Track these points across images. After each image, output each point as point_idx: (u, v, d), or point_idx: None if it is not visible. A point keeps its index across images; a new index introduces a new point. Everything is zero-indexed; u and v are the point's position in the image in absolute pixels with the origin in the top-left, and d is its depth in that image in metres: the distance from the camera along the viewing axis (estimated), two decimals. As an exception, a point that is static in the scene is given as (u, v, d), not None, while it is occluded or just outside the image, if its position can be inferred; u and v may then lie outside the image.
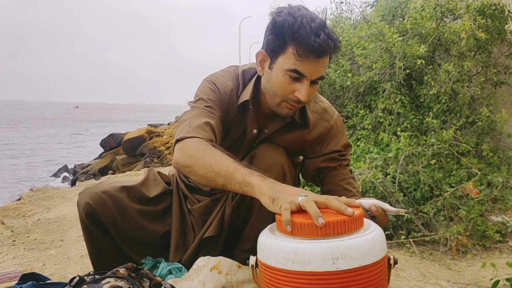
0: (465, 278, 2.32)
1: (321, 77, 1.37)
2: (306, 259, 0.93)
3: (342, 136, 1.61)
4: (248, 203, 1.52)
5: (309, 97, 1.39)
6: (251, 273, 1.40)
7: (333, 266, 0.91)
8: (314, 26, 1.31)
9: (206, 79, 1.57)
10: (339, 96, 4.74)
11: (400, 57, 4.00)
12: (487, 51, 3.98)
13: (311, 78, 1.34)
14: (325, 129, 1.57)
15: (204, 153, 1.26)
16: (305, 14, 1.33)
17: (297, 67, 1.32)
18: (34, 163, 13.98)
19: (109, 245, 1.66)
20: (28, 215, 3.32)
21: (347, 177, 1.56)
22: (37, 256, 2.31)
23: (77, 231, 2.66)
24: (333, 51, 1.33)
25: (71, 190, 4.49)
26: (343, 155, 1.60)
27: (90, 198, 1.60)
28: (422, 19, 4.10)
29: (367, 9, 6.40)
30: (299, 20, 1.31)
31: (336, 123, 1.60)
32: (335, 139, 1.59)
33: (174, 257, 1.67)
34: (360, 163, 3.50)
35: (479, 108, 3.79)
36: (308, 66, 1.32)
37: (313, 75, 1.34)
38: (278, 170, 1.44)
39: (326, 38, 1.29)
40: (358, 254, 0.93)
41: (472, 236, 2.84)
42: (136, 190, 1.69)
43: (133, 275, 1.43)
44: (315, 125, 1.56)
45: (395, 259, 1.04)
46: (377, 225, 1.03)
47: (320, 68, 1.34)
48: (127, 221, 1.64)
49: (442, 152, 3.53)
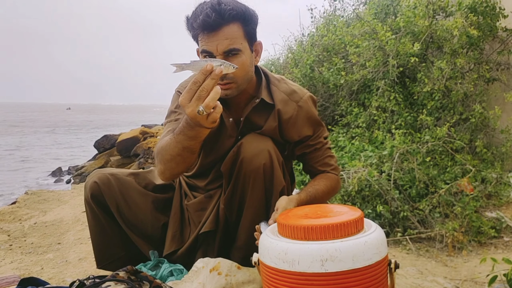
0: (462, 274, 2.34)
1: (230, 49, 1.40)
2: (295, 259, 0.95)
3: (312, 117, 1.64)
4: (240, 196, 1.56)
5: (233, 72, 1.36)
6: (250, 274, 1.41)
7: (321, 268, 0.93)
8: (203, 6, 1.39)
9: (175, 89, 1.68)
10: (332, 95, 4.76)
11: (394, 55, 4.02)
12: (479, 48, 4.01)
13: (218, 53, 1.40)
14: (294, 110, 1.61)
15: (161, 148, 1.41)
16: (205, 2, 1.41)
17: (203, 47, 1.41)
18: (27, 166, 13.89)
19: (111, 229, 1.72)
20: (24, 218, 3.31)
21: (322, 158, 1.67)
22: (35, 260, 2.31)
23: (75, 234, 2.66)
24: (225, 19, 1.37)
25: (67, 193, 4.47)
26: (316, 137, 1.66)
27: (98, 178, 1.69)
28: (414, 17, 4.12)
29: (360, 7, 6.42)
30: (194, 9, 1.42)
31: (307, 104, 1.64)
32: (307, 124, 1.63)
33: (170, 247, 1.70)
34: (355, 161, 3.52)
35: (472, 105, 3.82)
36: (210, 42, 1.39)
37: (219, 49, 1.40)
38: (265, 155, 1.49)
39: (210, 11, 1.36)
40: (348, 257, 0.93)
41: (467, 232, 2.87)
42: (143, 176, 1.80)
43: (133, 278, 1.44)
44: (284, 105, 1.60)
45: (396, 263, 1.04)
46: (378, 227, 1.04)
47: (223, 41, 1.39)
48: (129, 205, 1.71)
49: (437, 149, 3.55)
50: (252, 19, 1.46)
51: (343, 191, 3.27)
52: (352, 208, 1.07)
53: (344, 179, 3.32)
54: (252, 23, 1.46)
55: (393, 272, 1.04)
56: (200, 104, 1.16)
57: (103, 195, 1.68)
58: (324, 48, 4.94)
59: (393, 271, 1.04)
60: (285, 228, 1.00)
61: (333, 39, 4.89)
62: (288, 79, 1.70)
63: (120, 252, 1.75)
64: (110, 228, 1.71)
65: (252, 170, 1.46)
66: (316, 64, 4.85)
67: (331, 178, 1.67)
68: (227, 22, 1.38)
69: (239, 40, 1.41)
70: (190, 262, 1.66)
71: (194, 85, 1.16)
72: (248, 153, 1.48)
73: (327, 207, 1.14)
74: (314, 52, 4.93)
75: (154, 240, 1.75)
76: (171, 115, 1.62)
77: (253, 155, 1.47)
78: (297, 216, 1.05)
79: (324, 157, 1.68)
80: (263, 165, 1.47)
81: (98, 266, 1.76)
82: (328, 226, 0.96)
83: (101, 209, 1.69)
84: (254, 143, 1.51)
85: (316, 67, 4.81)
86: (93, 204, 1.68)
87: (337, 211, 1.06)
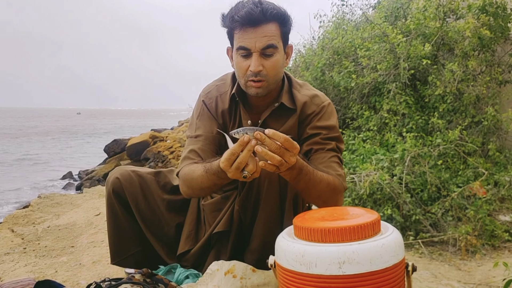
0: (476, 278, 2.32)
1: (268, 45, 1.44)
2: (312, 261, 0.95)
3: (330, 119, 1.63)
4: (255, 198, 1.58)
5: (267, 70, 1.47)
6: (265, 276, 1.41)
7: (339, 270, 0.92)
8: (243, 3, 1.45)
9: (200, 97, 1.73)
10: (343, 98, 4.75)
11: (404, 58, 4.01)
12: (491, 50, 3.99)
13: (256, 49, 1.44)
14: (314, 110, 1.62)
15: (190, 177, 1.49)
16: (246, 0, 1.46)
17: (240, 43, 1.45)
18: (38, 170, 14.02)
19: (129, 225, 1.77)
20: (38, 222, 3.34)
21: (328, 160, 1.57)
22: (49, 263, 2.33)
23: (88, 237, 2.68)
24: (266, 17, 1.42)
25: (79, 196, 4.51)
26: (329, 139, 1.60)
27: (120, 174, 1.75)
28: (425, 19, 4.11)
29: (368, 11, 6.41)
30: (234, 5, 1.46)
31: (328, 108, 1.64)
32: (322, 120, 1.61)
33: (184, 246, 1.73)
34: (367, 164, 3.51)
35: (484, 108, 3.79)
36: (249, 38, 1.43)
37: (257, 46, 1.44)
38: None
39: (254, 6, 1.41)
40: (366, 259, 0.93)
41: (480, 236, 2.84)
42: (163, 175, 1.85)
43: (149, 280, 1.45)
44: (305, 106, 1.61)
45: (413, 266, 1.03)
46: (395, 230, 1.04)
47: (262, 38, 1.43)
48: (148, 203, 1.77)
49: (448, 152, 3.52)
50: (289, 22, 1.51)
51: (354, 194, 3.25)
52: (368, 211, 1.07)
53: (356, 182, 3.31)
54: (288, 25, 1.51)
55: (410, 275, 1.03)
56: (239, 172, 1.24)
57: (124, 191, 1.73)
58: (334, 51, 4.94)
59: (410, 274, 1.03)
60: (302, 230, 1.01)
61: (343, 42, 4.89)
62: (309, 85, 1.72)
63: (135, 248, 1.79)
64: (128, 223, 1.76)
65: (267, 173, 1.45)
66: (327, 67, 4.85)
67: (334, 178, 1.50)
68: (268, 20, 1.43)
69: (276, 39, 1.46)
70: (203, 262, 1.68)
71: (232, 156, 1.23)
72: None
73: (343, 209, 1.14)
74: (324, 55, 4.93)
75: (169, 238, 1.79)
76: (193, 126, 1.68)
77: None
78: (314, 219, 1.05)
79: (331, 161, 1.56)
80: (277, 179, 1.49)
81: (112, 262, 1.80)
82: (346, 228, 0.96)
83: (121, 204, 1.74)
84: None
85: (327, 70, 4.81)
86: (114, 199, 1.73)
87: (354, 213, 1.06)
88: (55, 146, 22.75)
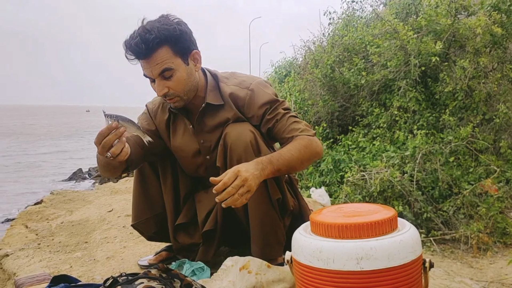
0: (488, 276, 2.32)
1: (163, 70, 1.55)
2: (330, 257, 0.96)
3: (265, 95, 1.70)
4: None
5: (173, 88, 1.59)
6: (280, 272, 1.42)
7: (357, 266, 0.93)
8: (132, 36, 1.53)
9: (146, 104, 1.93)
10: (353, 95, 4.74)
11: (415, 55, 3.99)
12: (503, 47, 3.95)
13: (154, 76, 1.56)
14: (246, 95, 1.69)
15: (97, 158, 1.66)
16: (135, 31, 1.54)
17: (143, 72, 1.58)
18: (49, 166, 14.14)
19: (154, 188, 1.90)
20: (51, 218, 3.38)
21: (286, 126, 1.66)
22: (63, 259, 2.36)
23: (101, 233, 2.70)
24: (153, 48, 1.51)
25: (91, 193, 4.55)
26: (273, 110, 1.68)
27: None
28: (436, 16, 4.08)
29: (379, 7, 6.39)
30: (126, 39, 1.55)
31: (257, 87, 1.71)
32: (259, 99, 1.68)
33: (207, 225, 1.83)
34: (377, 162, 3.50)
35: (496, 105, 3.76)
36: (145, 68, 1.57)
37: (154, 73, 1.56)
38: (248, 134, 1.60)
39: (139, 41, 1.50)
40: (384, 255, 0.93)
41: (492, 234, 2.83)
42: None
43: (164, 275, 1.47)
44: (234, 95, 1.70)
45: (431, 262, 1.04)
46: (412, 227, 1.04)
47: (155, 66, 1.54)
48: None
49: (460, 150, 3.51)
50: (181, 37, 1.56)
51: (365, 191, 3.26)
52: (385, 207, 1.07)
53: (366, 179, 3.31)
54: (180, 41, 1.57)
55: (427, 272, 1.04)
56: (105, 151, 1.40)
57: None
58: (344, 48, 4.93)
59: (428, 270, 1.04)
60: (319, 226, 1.02)
61: (353, 39, 4.87)
62: (238, 72, 1.81)
63: (158, 209, 1.92)
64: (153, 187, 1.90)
65: (242, 150, 1.56)
66: (337, 65, 4.84)
67: (300, 138, 1.61)
68: (154, 50, 1.52)
69: (170, 60, 1.55)
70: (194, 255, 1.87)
71: (100, 136, 1.39)
72: (233, 137, 1.59)
73: (360, 206, 1.14)
74: (334, 53, 4.92)
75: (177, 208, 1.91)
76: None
77: (238, 137, 1.58)
78: (331, 215, 1.06)
79: (289, 124, 1.65)
80: (249, 142, 1.57)
81: (133, 223, 1.95)
82: (363, 224, 0.96)
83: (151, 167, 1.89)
84: (236, 128, 1.62)
85: (337, 67, 4.80)
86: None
87: (371, 209, 1.07)
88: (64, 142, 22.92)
